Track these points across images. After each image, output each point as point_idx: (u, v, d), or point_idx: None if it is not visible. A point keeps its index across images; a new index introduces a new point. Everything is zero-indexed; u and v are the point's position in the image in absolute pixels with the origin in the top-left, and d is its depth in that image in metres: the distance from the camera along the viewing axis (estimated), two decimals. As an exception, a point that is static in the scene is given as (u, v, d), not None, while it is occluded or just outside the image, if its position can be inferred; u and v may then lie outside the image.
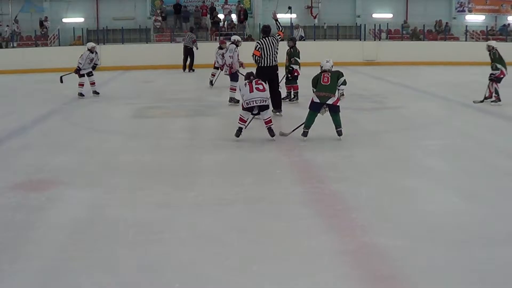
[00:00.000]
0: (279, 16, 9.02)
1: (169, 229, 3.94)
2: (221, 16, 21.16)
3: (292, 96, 10.00)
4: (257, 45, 8.38)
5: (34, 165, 5.85)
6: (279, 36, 8.44)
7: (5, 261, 3.41)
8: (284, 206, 4.45)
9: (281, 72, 9.98)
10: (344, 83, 6.73)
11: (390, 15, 23.28)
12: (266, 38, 8.39)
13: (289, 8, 20.80)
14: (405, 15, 23.47)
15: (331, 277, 3.21)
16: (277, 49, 8.38)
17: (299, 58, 9.94)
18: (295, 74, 9.84)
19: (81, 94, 11.14)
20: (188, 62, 16.95)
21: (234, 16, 21.39)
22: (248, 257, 3.45)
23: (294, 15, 21.55)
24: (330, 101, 6.56)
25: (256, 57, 8.30)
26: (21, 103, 10.88)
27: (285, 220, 4.11)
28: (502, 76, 9.67)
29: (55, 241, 3.75)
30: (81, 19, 21.82)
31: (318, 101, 6.60)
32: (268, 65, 8.29)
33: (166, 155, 6.28)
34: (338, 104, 6.65)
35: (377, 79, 14.91)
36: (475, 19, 23.88)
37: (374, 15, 23.24)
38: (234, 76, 9.89)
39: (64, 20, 21.63)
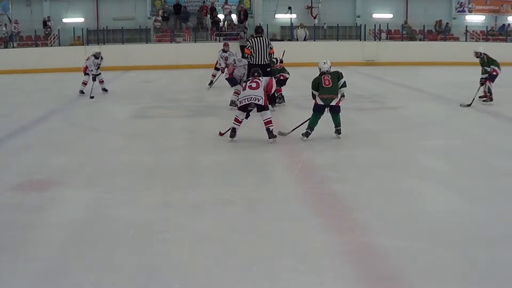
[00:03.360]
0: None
1: (169, 229, 3.94)
2: (221, 16, 21.15)
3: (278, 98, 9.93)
4: (248, 44, 8.97)
5: (34, 165, 5.85)
6: (270, 46, 8.89)
7: (5, 261, 3.41)
8: (284, 206, 4.45)
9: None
10: (344, 85, 6.77)
11: (390, 15, 23.27)
12: (258, 37, 8.83)
13: (289, 8, 20.94)
14: (405, 15, 23.47)
15: (331, 277, 3.21)
16: (270, 48, 8.82)
17: (275, 77, 9.85)
18: (281, 78, 9.76)
19: (82, 92, 11.28)
20: None
21: (234, 16, 21.39)
22: (248, 257, 3.45)
23: (294, 15, 21.56)
24: (333, 102, 6.61)
25: (247, 55, 8.87)
26: (21, 103, 10.88)
27: (285, 220, 4.10)
28: (495, 74, 9.64)
29: (55, 241, 3.75)
30: (81, 19, 21.80)
31: (322, 103, 6.64)
32: (258, 63, 8.62)
33: (166, 155, 6.28)
34: (339, 105, 6.69)
35: (377, 79, 14.91)
36: (475, 19, 23.87)
37: (374, 15, 23.23)
38: (233, 81, 9.78)
39: (64, 20, 21.62)
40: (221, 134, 6.94)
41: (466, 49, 11.17)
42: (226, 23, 21.03)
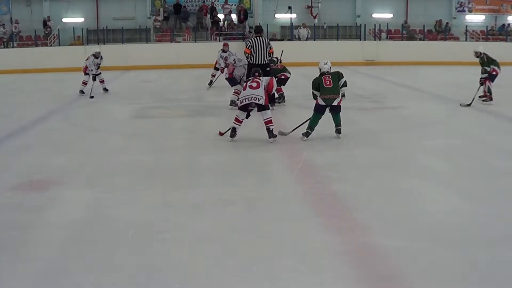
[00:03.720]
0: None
1: (169, 229, 3.94)
2: (221, 16, 21.15)
3: (277, 97, 9.90)
4: (248, 44, 8.97)
5: (34, 165, 5.85)
6: (270, 46, 8.88)
7: (5, 261, 3.41)
8: (284, 206, 4.45)
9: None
10: (345, 84, 6.78)
11: (390, 15, 23.28)
12: (258, 37, 8.85)
13: (289, 8, 20.94)
14: (405, 15, 23.48)
15: (331, 277, 3.21)
16: (269, 48, 8.83)
17: (276, 77, 9.77)
18: (282, 77, 9.72)
19: (82, 92, 11.30)
20: None
21: (234, 16, 21.39)
22: (248, 257, 3.45)
23: (294, 15, 21.56)
24: (334, 102, 6.61)
25: (247, 54, 8.84)
26: (21, 103, 10.88)
27: (285, 220, 4.10)
28: (494, 73, 9.65)
29: (55, 241, 3.75)
30: (81, 19, 21.80)
31: (323, 103, 6.64)
32: (258, 62, 8.66)
33: (166, 155, 6.28)
34: (340, 105, 6.70)
35: (377, 79, 14.91)
36: (475, 19, 23.88)
37: (374, 15, 23.24)
38: (233, 81, 9.76)
39: (64, 20, 21.62)
40: (221, 134, 6.94)
41: (466, 49, 11.17)
42: (226, 23, 21.02)
